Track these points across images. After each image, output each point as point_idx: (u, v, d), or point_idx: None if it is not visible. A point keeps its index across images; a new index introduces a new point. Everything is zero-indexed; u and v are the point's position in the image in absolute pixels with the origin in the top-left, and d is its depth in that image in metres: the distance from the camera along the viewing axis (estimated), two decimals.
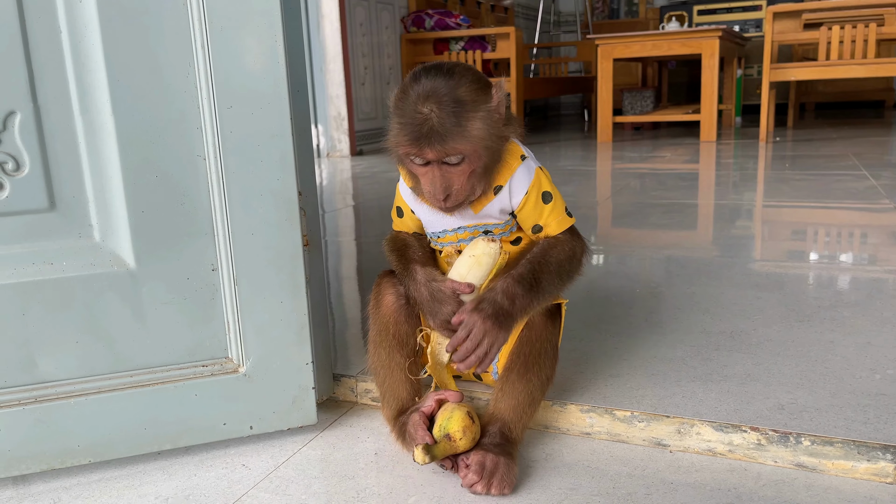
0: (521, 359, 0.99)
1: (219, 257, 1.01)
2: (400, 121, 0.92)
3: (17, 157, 0.92)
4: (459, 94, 0.90)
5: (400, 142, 0.92)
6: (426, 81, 0.91)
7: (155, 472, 1.01)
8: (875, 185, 2.75)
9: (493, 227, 1.02)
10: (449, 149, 0.90)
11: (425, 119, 0.89)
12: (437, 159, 0.92)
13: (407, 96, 0.91)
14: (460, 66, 0.94)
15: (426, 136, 0.89)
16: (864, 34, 4.02)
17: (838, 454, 0.92)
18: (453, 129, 0.89)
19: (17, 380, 0.96)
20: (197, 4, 0.93)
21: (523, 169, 1.00)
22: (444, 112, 0.89)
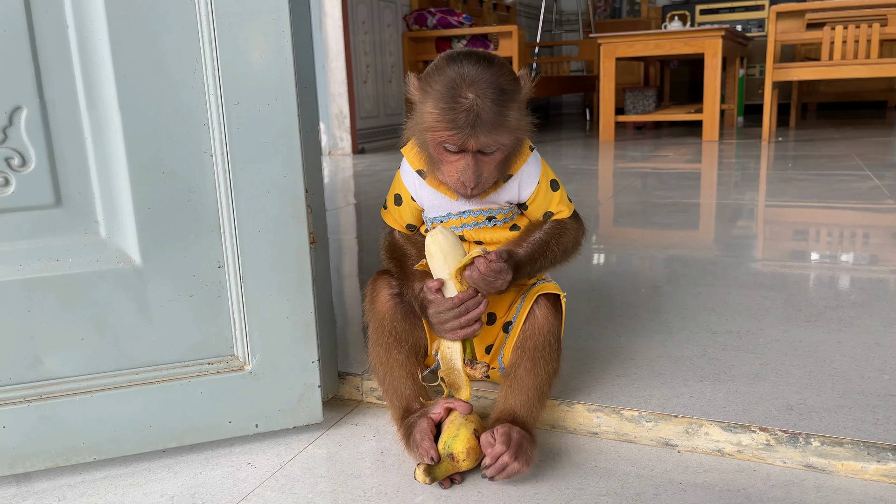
0: (527, 353, 0.99)
1: (225, 254, 1.00)
2: (440, 105, 0.89)
3: (23, 152, 0.91)
4: (502, 84, 0.89)
5: (438, 127, 0.90)
6: (468, 66, 0.89)
7: (160, 470, 1.01)
8: (879, 185, 2.74)
9: (496, 213, 1.02)
10: (491, 140, 0.89)
11: (470, 107, 0.87)
12: (477, 149, 0.91)
13: (446, 79, 0.89)
14: (495, 55, 0.93)
15: (471, 126, 0.88)
16: (868, 34, 4.02)
17: (848, 455, 0.91)
18: (497, 119, 0.88)
19: (22, 376, 0.96)
20: (205, 0, 0.92)
21: (533, 160, 1.02)
22: (490, 102, 0.88)
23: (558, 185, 1.04)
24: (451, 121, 0.88)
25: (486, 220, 1.03)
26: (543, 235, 1.02)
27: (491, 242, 1.04)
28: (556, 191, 1.03)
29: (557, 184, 1.04)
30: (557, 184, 1.04)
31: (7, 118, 0.90)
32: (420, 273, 1.02)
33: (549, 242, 1.01)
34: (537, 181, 1.01)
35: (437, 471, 0.91)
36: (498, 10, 6.51)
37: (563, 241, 1.03)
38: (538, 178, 1.01)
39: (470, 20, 5.10)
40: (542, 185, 1.02)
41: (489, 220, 1.03)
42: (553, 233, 1.03)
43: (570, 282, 1.64)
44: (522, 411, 0.97)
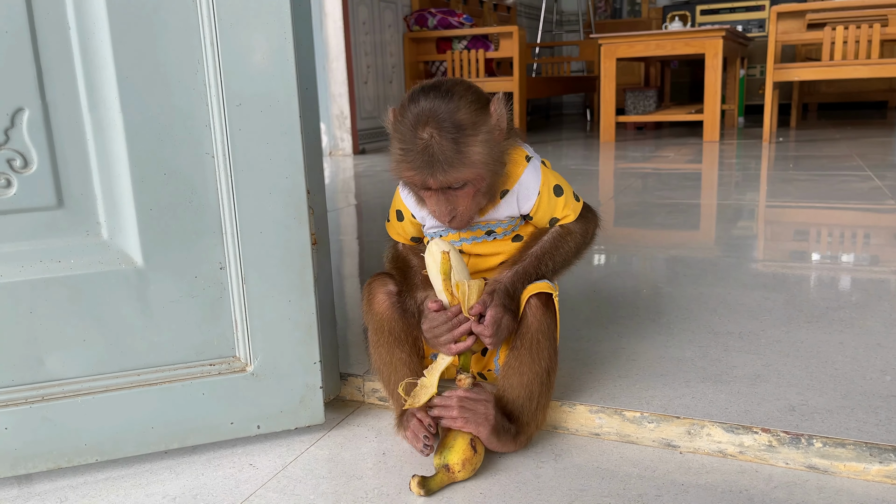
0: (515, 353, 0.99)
1: (227, 255, 1.00)
2: (401, 147, 0.91)
3: (25, 154, 0.91)
4: (459, 118, 0.89)
5: (401, 168, 0.92)
6: (424, 102, 0.90)
7: (162, 472, 1.01)
8: (880, 185, 2.74)
9: (496, 227, 1.02)
10: (451, 178, 0.91)
11: (426, 146, 0.88)
12: (440, 188, 0.92)
13: (405, 118, 0.91)
14: (459, 85, 0.93)
15: (427, 166, 0.89)
16: (868, 34, 4.02)
17: (850, 456, 0.91)
18: (454, 157, 0.89)
19: (24, 378, 0.96)
20: (206, 1, 0.92)
21: (531, 171, 1.01)
22: (444, 139, 0.88)
23: (562, 188, 1.03)
24: (410, 162, 0.90)
25: (486, 235, 1.03)
26: (539, 250, 1.01)
27: (492, 254, 1.04)
28: (559, 196, 1.02)
29: (561, 188, 1.03)
30: (561, 188, 1.03)
31: (9, 119, 0.90)
32: (423, 281, 1.02)
33: (545, 257, 1.01)
34: (537, 192, 1.01)
35: (431, 482, 0.91)
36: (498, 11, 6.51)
37: (563, 249, 1.02)
38: (538, 188, 1.01)
39: (470, 21, 5.10)
40: (543, 195, 1.01)
41: (488, 235, 1.03)
42: (551, 244, 1.02)
43: (570, 282, 1.64)
44: (511, 406, 0.98)
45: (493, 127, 0.93)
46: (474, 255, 1.04)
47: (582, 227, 1.05)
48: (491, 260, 1.04)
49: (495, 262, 1.04)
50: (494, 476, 0.95)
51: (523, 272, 0.99)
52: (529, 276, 1.00)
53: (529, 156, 1.02)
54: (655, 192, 2.86)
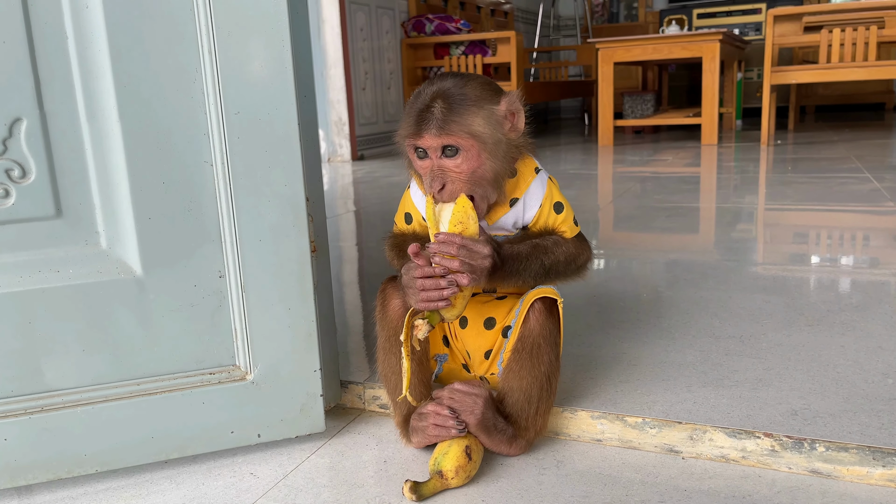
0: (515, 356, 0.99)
1: (226, 264, 1.00)
2: (406, 113, 0.95)
3: (23, 164, 0.91)
4: (465, 91, 0.93)
5: (403, 132, 0.95)
6: (437, 82, 0.95)
7: (162, 482, 1.00)
8: (879, 187, 2.74)
9: (502, 239, 1.02)
10: (444, 136, 0.91)
11: (428, 108, 0.92)
12: (434, 147, 0.92)
13: (418, 95, 0.95)
14: (474, 75, 0.97)
15: (425, 122, 0.92)
16: (865, 37, 4.02)
17: (853, 460, 0.91)
18: (451, 117, 0.92)
19: (23, 388, 0.96)
20: (204, 10, 0.92)
21: (537, 182, 1.01)
22: (447, 104, 0.92)
23: (563, 207, 1.02)
24: (411, 122, 0.93)
25: None
26: (537, 240, 1.00)
27: None
28: (559, 213, 1.02)
29: (563, 206, 1.02)
30: (563, 206, 1.02)
31: (7, 129, 0.89)
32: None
33: (539, 247, 0.99)
34: (540, 203, 1.01)
35: (423, 488, 0.91)
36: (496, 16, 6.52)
37: (556, 252, 1.00)
38: (541, 199, 1.01)
39: (468, 26, 5.11)
40: (544, 208, 1.01)
41: None
42: (549, 242, 1.01)
43: (570, 287, 1.63)
44: (509, 409, 0.99)
45: (500, 112, 0.95)
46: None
47: (576, 247, 1.03)
48: None
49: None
50: (496, 482, 0.95)
51: (521, 249, 0.97)
52: (525, 254, 0.97)
53: (538, 168, 1.02)
54: (654, 195, 2.86)
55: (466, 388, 0.98)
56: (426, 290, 0.90)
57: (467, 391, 0.97)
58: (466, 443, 0.95)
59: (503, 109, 0.95)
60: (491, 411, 0.97)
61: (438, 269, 0.90)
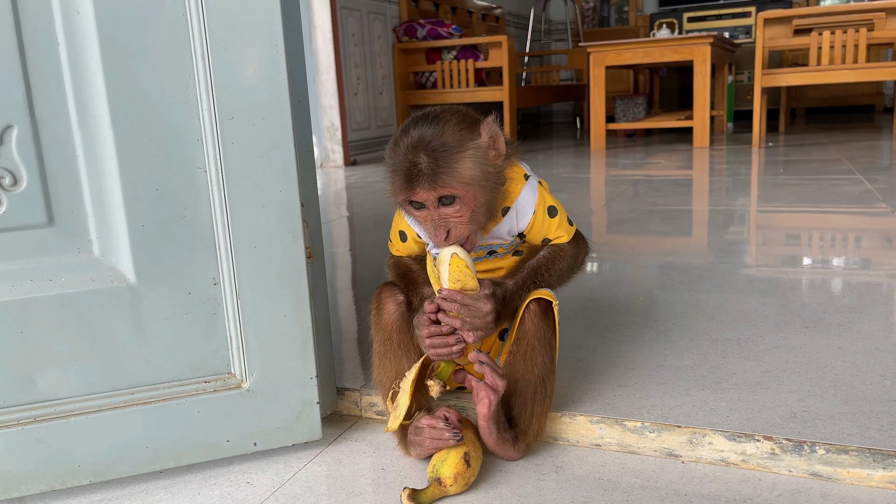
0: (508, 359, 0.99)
1: (221, 271, 0.99)
2: (392, 170, 0.93)
3: (14, 171, 0.90)
4: (445, 139, 0.91)
5: (394, 189, 0.94)
6: (413, 132, 0.92)
7: (157, 492, 0.99)
8: (871, 188, 2.75)
9: (497, 247, 1.02)
10: (439, 188, 0.91)
11: (414, 164, 0.91)
12: (430, 200, 0.92)
13: (397, 148, 0.93)
14: (447, 111, 0.95)
15: (416, 179, 0.91)
16: (855, 39, 4.05)
17: (854, 462, 0.91)
18: (441, 169, 0.90)
19: (15, 399, 0.94)
20: (197, 15, 0.91)
21: (528, 189, 1.01)
22: (431, 156, 0.90)
23: (557, 210, 1.03)
24: (400, 179, 0.92)
25: (488, 255, 1.03)
26: (536, 263, 1.02)
27: (494, 269, 1.04)
28: (553, 217, 1.02)
29: (556, 209, 1.03)
30: (556, 209, 1.03)
31: None
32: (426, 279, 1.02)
33: (540, 269, 1.01)
34: (533, 210, 1.01)
35: (422, 495, 0.90)
36: (487, 21, 6.53)
37: (558, 266, 1.03)
38: (534, 207, 1.01)
39: (460, 31, 5.11)
40: (538, 214, 1.01)
41: (490, 255, 1.04)
42: (547, 259, 1.02)
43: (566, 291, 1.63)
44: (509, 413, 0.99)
45: (483, 144, 0.93)
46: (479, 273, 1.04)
47: (573, 250, 1.05)
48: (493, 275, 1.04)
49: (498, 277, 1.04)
50: (495, 489, 0.94)
51: (521, 281, 0.99)
52: (526, 286, 0.99)
53: (528, 174, 1.02)
54: (647, 198, 2.87)
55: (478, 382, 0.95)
56: (435, 348, 0.94)
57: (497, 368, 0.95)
58: (465, 450, 0.94)
59: (485, 141, 0.94)
60: (500, 409, 0.97)
61: (445, 327, 0.93)
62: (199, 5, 0.91)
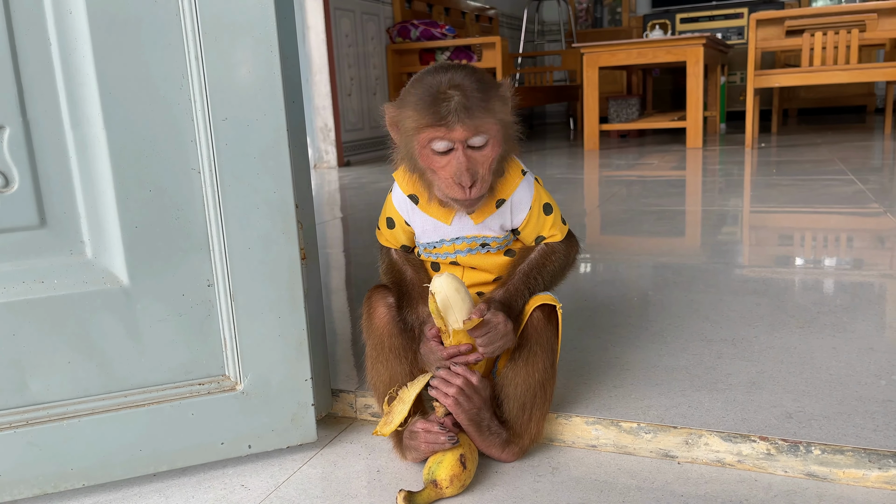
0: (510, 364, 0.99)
1: (214, 272, 0.99)
2: (420, 107, 0.89)
3: (6, 172, 0.89)
4: (481, 77, 0.91)
5: (423, 124, 0.89)
6: (444, 72, 0.90)
7: (151, 495, 0.98)
8: (863, 189, 2.76)
9: (490, 241, 1.01)
10: (478, 124, 0.89)
11: (452, 95, 0.88)
12: (465, 138, 0.89)
13: (425, 85, 0.90)
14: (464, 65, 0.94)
15: (455, 112, 0.88)
16: (847, 40, 4.06)
17: (849, 463, 0.91)
18: (481, 104, 0.89)
19: (7, 402, 0.93)
20: (190, 15, 0.91)
21: (525, 185, 1.00)
22: (471, 90, 0.89)
23: (552, 208, 1.02)
24: (435, 113, 0.88)
25: (480, 247, 1.01)
26: (527, 266, 1.01)
27: (486, 269, 1.03)
28: (548, 214, 1.02)
29: (551, 207, 1.02)
30: (551, 207, 1.02)
31: None
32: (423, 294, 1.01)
33: (532, 272, 1.01)
34: (529, 206, 1.00)
35: (418, 497, 0.90)
36: (480, 22, 6.53)
37: (549, 267, 1.02)
38: (530, 202, 1.00)
39: (453, 32, 5.11)
40: (534, 210, 1.00)
41: (482, 247, 1.01)
42: (538, 261, 1.02)
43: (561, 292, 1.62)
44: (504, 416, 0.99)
45: (507, 96, 0.94)
46: (469, 269, 1.03)
47: (565, 249, 1.04)
48: (486, 275, 1.03)
49: (490, 278, 1.03)
50: (491, 491, 0.94)
51: (514, 289, 0.99)
52: (522, 292, 0.99)
53: (524, 170, 1.01)
54: (641, 199, 2.87)
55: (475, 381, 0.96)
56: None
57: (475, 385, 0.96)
58: (461, 451, 0.94)
59: (508, 92, 0.94)
60: (487, 411, 0.97)
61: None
62: (192, 5, 0.90)
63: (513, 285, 0.99)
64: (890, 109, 4.91)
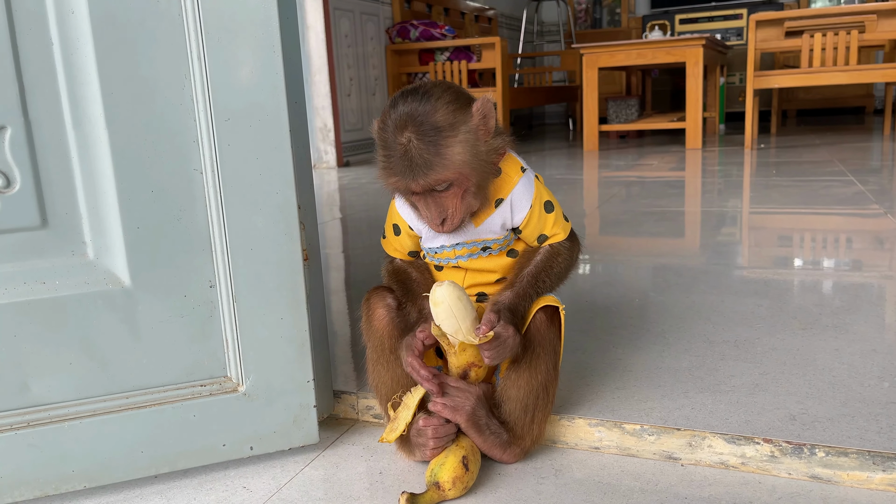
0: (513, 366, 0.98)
1: (217, 273, 0.98)
2: (383, 153, 0.91)
3: (7, 173, 0.89)
4: (436, 120, 0.89)
5: (384, 175, 0.92)
6: (402, 107, 0.90)
7: (153, 497, 0.98)
8: (863, 190, 2.76)
9: (491, 243, 1.01)
10: (432, 180, 0.90)
11: (405, 151, 0.88)
12: (425, 189, 0.91)
13: (386, 125, 0.91)
14: (438, 87, 0.92)
15: (408, 170, 0.89)
16: (846, 41, 4.06)
17: (853, 465, 0.91)
18: (432, 158, 0.89)
19: (9, 403, 0.93)
20: (193, 15, 0.90)
21: (524, 182, 0.99)
22: (422, 142, 0.88)
23: (553, 206, 1.01)
24: (391, 168, 0.90)
25: (481, 251, 1.01)
26: (534, 269, 1.00)
27: (488, 270, 1.02)
28: (550, 213, 1.01)
29: (552, 205, 1.01)
30: (552, 205, 1.01)
31: None
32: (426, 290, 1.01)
33: (540, 275, 1.00)
34: (529, 205, 0.99)
35: (421, 500, 0.90)
36: (480, 22, 6.53)
37: (556, 268, 1.02)
38: (530, 201, 0.99)
39: (452, 32, 5.11)
40: (534, 209, 0.99)
41: (484, 251, 1.01)
42: (545, 263, 1.01)
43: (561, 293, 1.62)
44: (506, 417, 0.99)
45: (474, 126, 0.92)
46: (472, 270, 1.03)
47: (568, 249, 1.04)
48: (488, 276, 1.03)
49: (492, 279, 1.03)
50: (494, 493, 0.93)
51: (522, 292, 0.98)
52: (529, 296, 0.98)
53: (524, 167, 1.00)
54: (641, 200, 2.87)
55: (459, 384, 0.97)
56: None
57: (459, 387, 0.96)
58: (463, 453, 0.93)
59: (476, 121, 0.92)
60: (483, 410, 0.97)
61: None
62: (195, 5, 0.90)
63: (521, 288, 0.98)
64: (889, 110, 4.92)
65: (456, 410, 0.95)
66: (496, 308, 0.95)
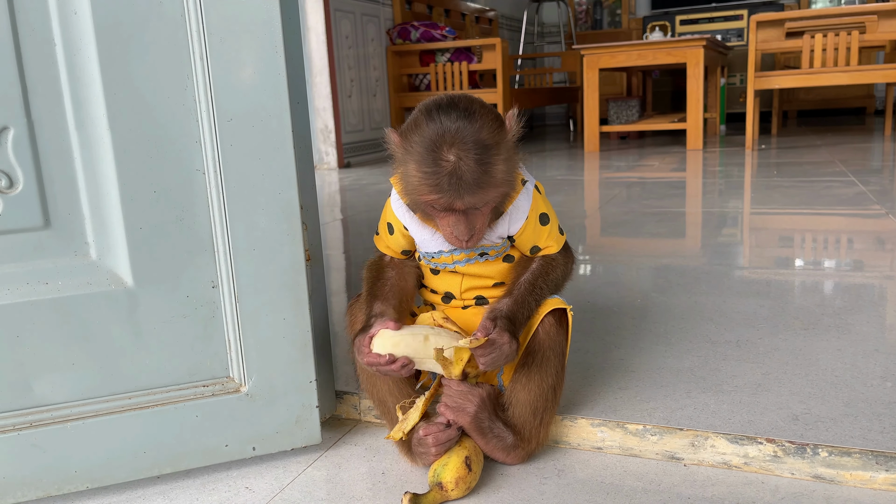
0: (523, 370, 0.98)
1: (219, 274, 0.98)
2: (422, 168, 0.86)
3: (10, 173, 0.89)
4: (483, 138, 0.86)
5: (423, 191, 0.87)
6: (448, 123, 0.85)
7: (155, 497, 0.98)
8: (864, 190, 2.76)
9: (489, 249, 1.01)
10: (479, 199, 0.87)
11: (453, 170, 0.84)
12: (466, 209, 0.89)
13: (426, 139, 0.86)
14: (476, 104, 0.89)
15: (455, 189, 0.85)
16: (847, 42, 4.06)
17: (856, 465, 0.91)
18: (483, 178, 0.86)
19: (11, 404, 0.93)
20: (195, 16, 0.90)
21: (524, 195, 0.99)
22: (473, 163, 0.85)
23: (549, 218, 1.01)
24: (435, 185, 0.85)
25: (479, 256, 1.01)
26: (531, 276, 1.00)
27: (485, 275, 1.02)
28: (545, 225, 1.01)
29: (548, 217, 1.01)
30: (548, 217, 1.01)
31: None
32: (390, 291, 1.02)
33: (538, 282, 1.00)
34: (526, 216, 0.99)
35: (423, 500, 0.90)
36: (480, 23, 6.53)
37: (552, 277, 1.02)
38: (527, 212, 0.99)
39: (453, 33, 5.11)
40: (530, 220, 0.99)
41: (481, 256, 1.01)
42: (541, 271, 1.01)
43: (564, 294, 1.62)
44: (514, 420, 0.98)
45: (511, 143, 0.90)
46: (469, 275, 1.02)
47: (564, 261, 1.04)
48: (485, 280, 1.03)
49: (489, 283, 1.03)
50: (496, 493, 0.93)
51: (521, 300, 0.97)
52: (527, 304, 0.98)
53: (525, 179, 1.00)
54: (642, 200, 2.87)
55: (462, 387, 0.96)
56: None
57: (462, 389, 0.96)
58: (466, 454, 0.93)
59: (511, 138, 0.91)
60: (487, 413, 0.96)
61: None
62: (197, 6, 0.90)
63: (519, 295, 0.98)
64: (890, 111, 4.92)
65: (459, 412, 0.95)
66: (493, 315, 0.94)
